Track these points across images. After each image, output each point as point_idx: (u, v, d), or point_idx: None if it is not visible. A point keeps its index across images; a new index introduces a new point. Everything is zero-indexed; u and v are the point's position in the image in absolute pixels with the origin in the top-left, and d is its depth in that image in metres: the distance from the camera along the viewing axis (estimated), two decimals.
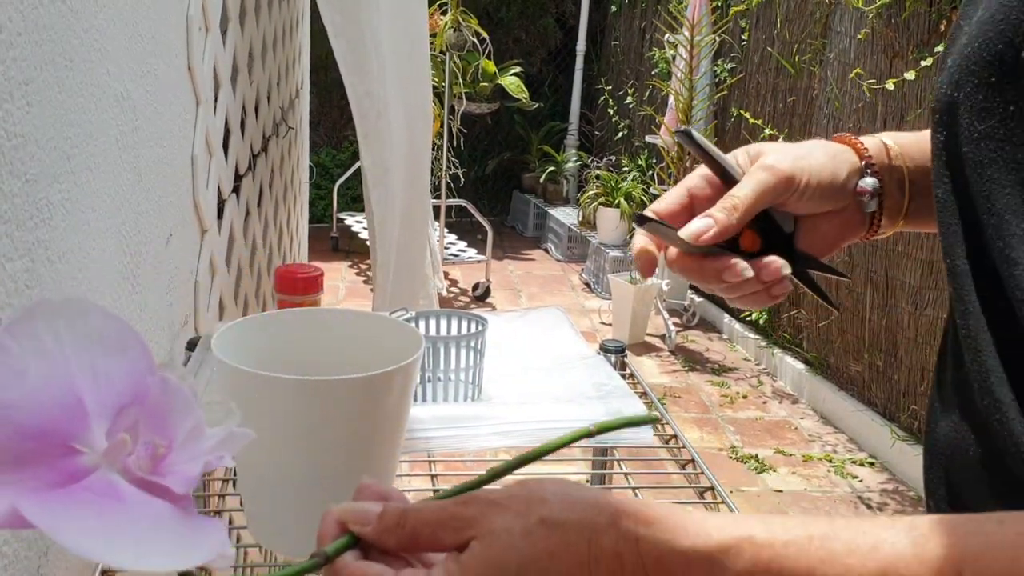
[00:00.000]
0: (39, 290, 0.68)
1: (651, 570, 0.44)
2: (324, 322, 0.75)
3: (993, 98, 0.49)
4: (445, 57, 4.41)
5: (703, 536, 0.44)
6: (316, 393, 0.62)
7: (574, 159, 5.74)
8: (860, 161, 0.68)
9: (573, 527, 0.45)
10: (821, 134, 3.49)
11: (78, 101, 0.77)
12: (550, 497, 0.46)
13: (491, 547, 0.45)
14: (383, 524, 0.48)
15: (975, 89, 0.50)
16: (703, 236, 0.64)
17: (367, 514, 0.49)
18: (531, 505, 0.46)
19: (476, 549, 0.46)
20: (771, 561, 0.43)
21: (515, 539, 0.45)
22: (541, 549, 0.45)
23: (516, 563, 0.45)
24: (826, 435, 3.29)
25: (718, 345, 4.14)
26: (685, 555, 0.44)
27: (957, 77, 0.52)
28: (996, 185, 0.48)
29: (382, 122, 1.67)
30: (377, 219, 1.71)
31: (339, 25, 1.54)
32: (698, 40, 3.87)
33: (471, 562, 0.45)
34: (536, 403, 0.93)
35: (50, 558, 0.71)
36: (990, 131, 0.49)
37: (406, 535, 0.48)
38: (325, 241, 5.08)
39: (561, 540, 0.45)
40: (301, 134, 2.65)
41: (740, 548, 0.44)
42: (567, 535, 0.45)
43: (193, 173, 1.24)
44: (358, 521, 0.49)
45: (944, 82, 0.53)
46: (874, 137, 0.70)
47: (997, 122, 0.48)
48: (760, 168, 0.65)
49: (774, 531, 0.44)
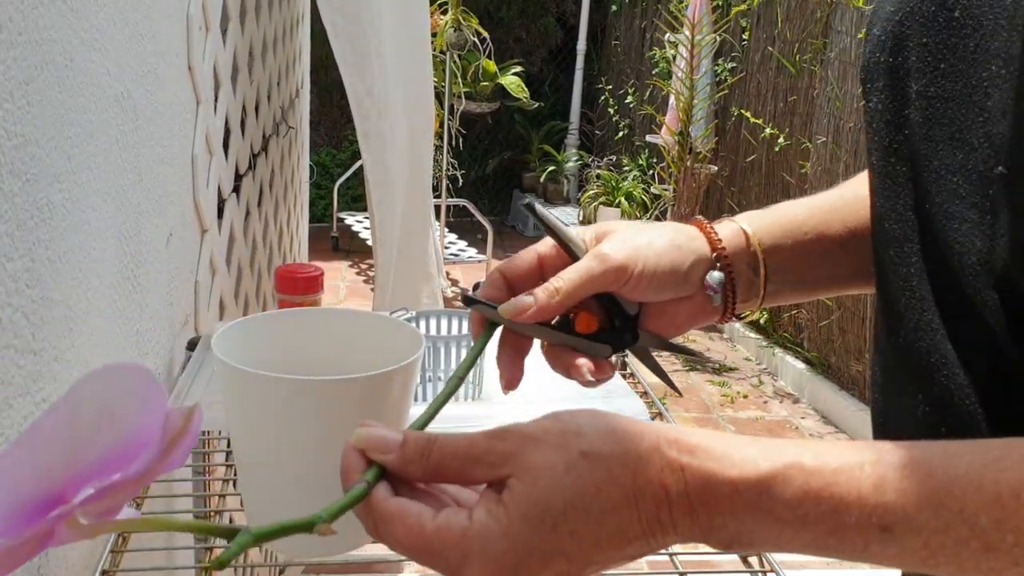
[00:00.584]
0: (40, 290, 0.68)
1: (696, 499, 0.43)
2: (324, 322, 0.75)
3: (925, 58, 0.49)
4: (445, 57, 4.41)
5: (750, 464, 0.43)
6: (316, 393, 0.62)
7: (575, 159, 5.74)
8: (711, 252, 0.65)
9: (617, 459, 0.44)
10: (822, 133, 3.49)
11: (78, 101, 0.77)
12: (587, 429, 0.45)
13: (534, 485, 0.44)
14: (406, 453, 0.46)
15: (909, 51, 0.51)
16: (522, 315, 0.60)
17: (388, 441, 0.47)
18: (568, 438, 0.45)
19: (517, 488, 0.44)
20: (822, 489, 0.42)
21: (558, 476, 0.43)
22: (587, 483, 0.43)
23: (562, 500, 0.43)
24: (827, 435, 3.29)
25: (719, 344, 4.14)
26: (732, 483, 0.43)
27: (891, 43, 0.52)
28: (933, 143, 0.48)
29: (383, 122, 1.67)
30: (378, 219, 1.71)
31: (339, 25, 1.54)
32: (699, 39, 3.87)
33: (514, 501, 0.44)
34: (536, 402, 0.93)
35: (50, 558, 0.71)
36: (923, 90, 0.49)
37: (431, 466, 0.46)
38: (325, 241, 5.08)
39: (606, 473, 0.43)
40: (301, 134, 2.65)
41: (788, 475, 0.42)
42: (611, 467, 0.44)
43: (193, 173, 1.24)
44: (379, 449, 0.46)
45: (876, 49, 0.54)
46: (733, 222, 0.67)
47: (928, 81, 0.49)
48: (592, 255, 0.62)
49: (824, 457, 0.43)
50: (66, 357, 0.75)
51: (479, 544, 0.43)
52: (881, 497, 0.41)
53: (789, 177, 3.79)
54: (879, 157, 0.54)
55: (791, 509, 0.42)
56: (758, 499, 0.42)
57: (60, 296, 0.73)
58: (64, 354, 0.74)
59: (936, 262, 0.49)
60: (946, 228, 0.48)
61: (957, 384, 0.48)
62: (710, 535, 0.44)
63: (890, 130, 0.53)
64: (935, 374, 0.49)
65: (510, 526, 0.43)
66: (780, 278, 0.66)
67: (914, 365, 0.52)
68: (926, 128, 0.49)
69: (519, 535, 0.43)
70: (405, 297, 2.04)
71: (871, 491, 0.41)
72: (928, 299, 0.50)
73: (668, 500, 0.43)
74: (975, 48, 0.46)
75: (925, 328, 0.50)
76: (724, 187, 4.38)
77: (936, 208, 0.48)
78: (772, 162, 3.95)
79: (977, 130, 0.46)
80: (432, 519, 0.44)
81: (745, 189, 4.20)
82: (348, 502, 0.45)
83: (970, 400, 0.47)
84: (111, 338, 0.88)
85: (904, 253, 0.52)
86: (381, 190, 1.68)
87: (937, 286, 0.49)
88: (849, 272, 0.68)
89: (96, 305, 0.82)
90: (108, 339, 0.87)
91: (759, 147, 4.03)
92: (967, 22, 0.47)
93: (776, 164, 3.92)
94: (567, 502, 0.43)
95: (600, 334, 0.64)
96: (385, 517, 0.45)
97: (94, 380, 0.39)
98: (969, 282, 0.46)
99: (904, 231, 0.52)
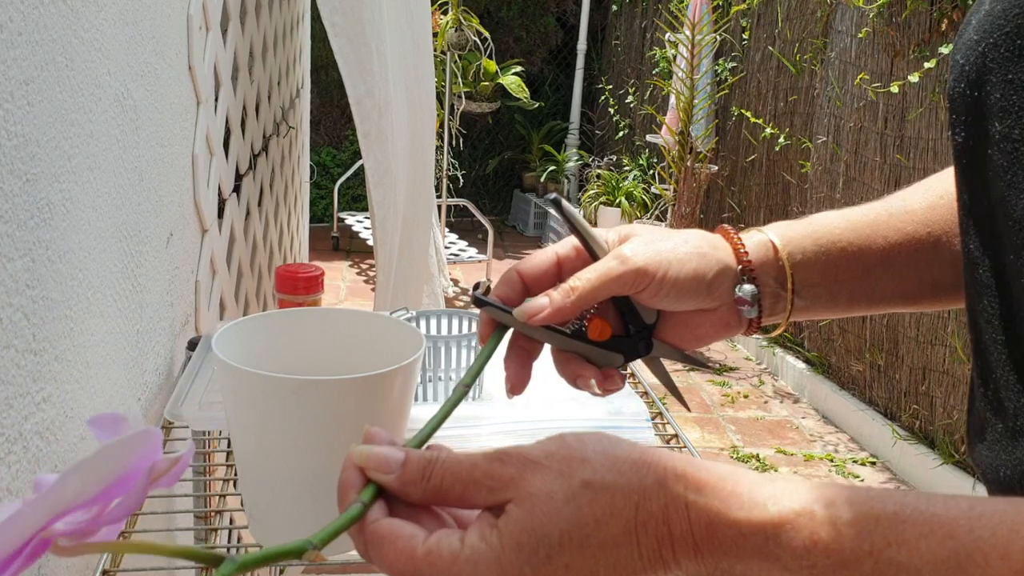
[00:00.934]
0: (40, 290, 0.68)
1: (700, 539, 0.41)
2: (324, 322, 0.75)
3: (1009, 96, 0.46)
4: (446, 56, 4.41)
5: (758, 508, 0.41)
6: (316, 393, 0.62)
7: (575, 158, 5.74)
8: (737, 264, 0.62)
9: (620, 491, 0.42)
10: (822, 133, 3.49)
11: (78, 101, 0.77)
12: (592, 456, 0.43)
13: (531, 513, 0.42)
14: (407, 474, 0.45)
15: (992, 87, 0.47)
16: (536, 316, 0.58)
17: (388, 461, 0.45)
18: (572, 465, 0.43)
19: (515, 514, 0.42)
20: (832, 540, 0.40)
21: (557, 504, 0.42)
22: (586, 515, 0.42)
23: (559, 531, 0.42)
24: (827, 435, 3.29)
25: (719, 344, 4.14)
26: (738, 527, 0.41)
27: (974, 75, 0.48)
28: (1016, 191, 0.45)
29: (384, 121, 1.67)
30: (379, 219, 1.71)
31: (339, 25, 1.54)
32: (699, 39, 3.87)
33: (509, 528, 0.42)
34: (536, 403, 0.93)
35: (51, 558, 0.71)
36: (1007, 132, 0.46)
37: (432, 488, 0.44)
38: (326, 241, 5.08)
39: (607, 505, 0.42)
40: (302, 133, 2.65)
41: (798, 524, 0.40)
42: (613, 500, 0.42)
43: (194, 173, 1.24)
44: (379, 468, 0.45)
45: (960, 80, 0.50)
46: (761, 233, 0.64)
47: (1013, 122, 0.45)
48: (613, 256, 0.60)
49: (838, 508, 0.40)
50: (66, 357, 0.75)
51: (468, 570, 0.42)
52: (895, 555, 0.39)
53: (789, 176, 3.79)
54: (970, 196, 0.50)
55: (798, 559, 0.40)
56: (765, 545, 0.41)
57: (60, 296, 0.73)
58: (64, 354, 0.74)
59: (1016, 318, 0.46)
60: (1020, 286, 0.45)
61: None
62: None
63: (972, 170, 0.49)
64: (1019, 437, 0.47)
65: (502, 553, 0.42)
66: (811, 293, 0.63)
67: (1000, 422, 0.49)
68: (1009, 174, 0.45)
69: (511, 563, 0.42)
70: (406, 297, 2.03)
71: (884, 547, 0.39)
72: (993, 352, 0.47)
73: (671, 537, 0.42)
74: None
75: (1013, 387, 0.47)
76: (724, 187, 4.38)
77: (1009, 262, 0.45)
78: (772, 162, 3.95)
79: None
80: (423, 542, 0.43)
81: (745, 189, 4.20)
82: (341, 525, 0.44)
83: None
84: (111, 338, 0.88)
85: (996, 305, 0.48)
86: (382, 190, 1.68)
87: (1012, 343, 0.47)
88: (889, 290, 0.64)
89: (96, 305, 0.82)
90: (108, 339, 0.87)
91: (759, 147, 4.03)
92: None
93: (776, 164, 3.92)
94: (564, 533, 0.42)
95: (613, 342, 0.62)
96: (375, 539, 0.44)
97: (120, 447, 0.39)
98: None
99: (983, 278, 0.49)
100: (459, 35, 4.40)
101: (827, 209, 0.76)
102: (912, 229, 0.62)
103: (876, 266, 0.63)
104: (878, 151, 3.14)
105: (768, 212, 3.99)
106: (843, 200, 3.29)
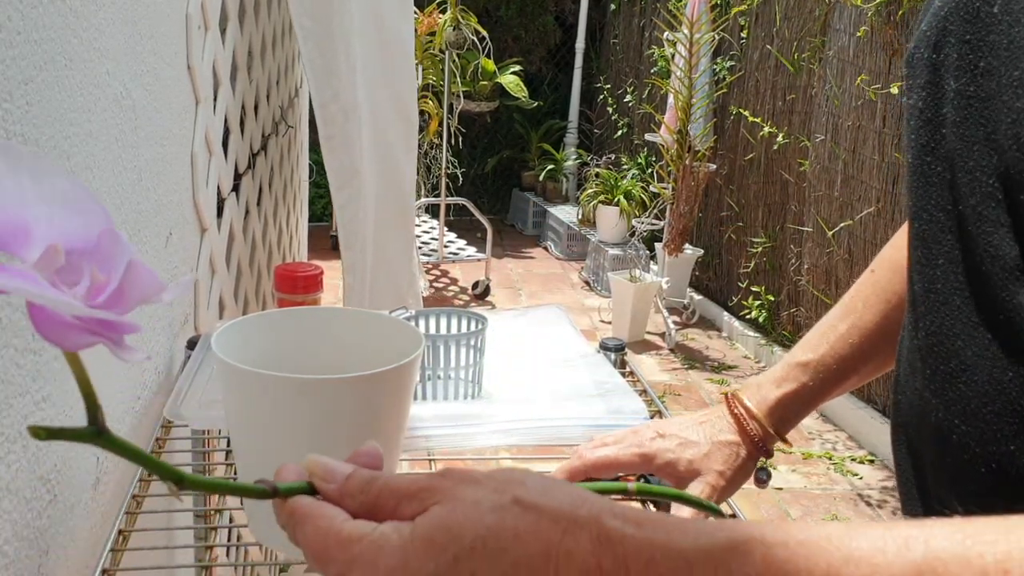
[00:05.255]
0: None
1: (636, 573, 0.39)
2: (324, 321, 0.75)
3: (966, 55, 0.48)
4: (444, 56, 4.40)
5: (706, 535, 0.39)
6: (316, 393, 0.62)
7: (573, 157, 5.74)
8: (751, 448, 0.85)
9: (549, 513, 0.41)
10: (820, 132, 3.49)
11: (78, 101, 0.77)
12: (531, 481, 0.43)
13: (451, 512, 0.41)
14: (347, 486, 0.45)
15: (951, 48, 0.49)
16: None
17: (335, 472, 0.45)
18: (509, 484, 0.42)
19: (435, 511, 0.42)
20: (786, 561, 0.38)
21: (481, 511, 0.41)
22: (508, 527, 0.40)
23: (473, 535, 0.40)
24: (826, 432, 3.29)
25: (718, 343, 4.14)
26: (685, 556, 0.39)
27: (935, 39, 0.51)
28: (968, 144, 0.47)
29: (350, 125, 1.66)
30: (344, 221, 1.67)
31: (307, 28, 1.53)
32: (697, 38, 3.87)
33: (425, 523, 0.41)
34: (536, 401, 0.93)
35: (50, 557, 0.71)
36: (961, 88, 0.48)
37: (368, 501, 0.44)
38: (325, 240, 5.08)
39: (532, 523, 0.40)
40: (300, 133, 2.65)
41: (749, 547, 0.39)
42: (540, 520, 0.41)
43: (193, 172, 1.24)
44: (324, 477, 0.46)
45: (920, 44, 0.53)
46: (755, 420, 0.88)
47: (968, 79, 0.48)
48: None
49: (788, 531, 0.39)
50: None
51: (371, 553, 0.41)
52: (854, 570, 0.37)
53: (788, 175, 3.79)
54: (915, 154, 0.53)
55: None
56: (715, 571, 0.38)
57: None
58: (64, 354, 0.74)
59: (966, 263, 0.48)
60: (979, 231, 0.46)
61: (975, 391, 0.47)
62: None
63: (928, 128, 0.52)
64: (953, 380, 0.48)
65: (410, 543, 0.41)
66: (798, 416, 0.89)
67: (931, 368, 0.51)
68: (962, 128, 0.48)
69: (415, 555, 0.41)
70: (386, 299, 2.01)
71: (841, 564, 0.37)
72: (951, 303, 0.49)
73: (600, 571, 0.39)
74: (1008, 45, 0.45)
75: (946, 333, 0.49)
76: (723, 185, 4.38)
77: (969, 210, 0.47)
78: (771, 160, 3.95)
79: (1006, 131, 0.44)
80: (342, 524, 0.43)
81: (744, 187, 4.20)
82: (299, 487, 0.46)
83: (988, 409, 0.46)
84: None
85: (931, 254, 0.51)
86: (347, 193, 1.65)
87: (965, 288, 0.48)
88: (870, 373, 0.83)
89: None
90: None
91: (758, 145, 4.03)
92: (1004, 18, 0.45)
93: (775, 162, 3.92)
94: (478, 539, 0.40)
95: None
96: (298, 515, 0.44)
97: None
98: (1000, 285, 0.45)
99: (933, 231, 0.51)
100: (457, 34, 4.40)
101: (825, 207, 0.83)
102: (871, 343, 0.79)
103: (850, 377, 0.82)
104: (876, 149, 3.15)
105: (766, 210, 3.99)
106: (841, 198, 3.30)
